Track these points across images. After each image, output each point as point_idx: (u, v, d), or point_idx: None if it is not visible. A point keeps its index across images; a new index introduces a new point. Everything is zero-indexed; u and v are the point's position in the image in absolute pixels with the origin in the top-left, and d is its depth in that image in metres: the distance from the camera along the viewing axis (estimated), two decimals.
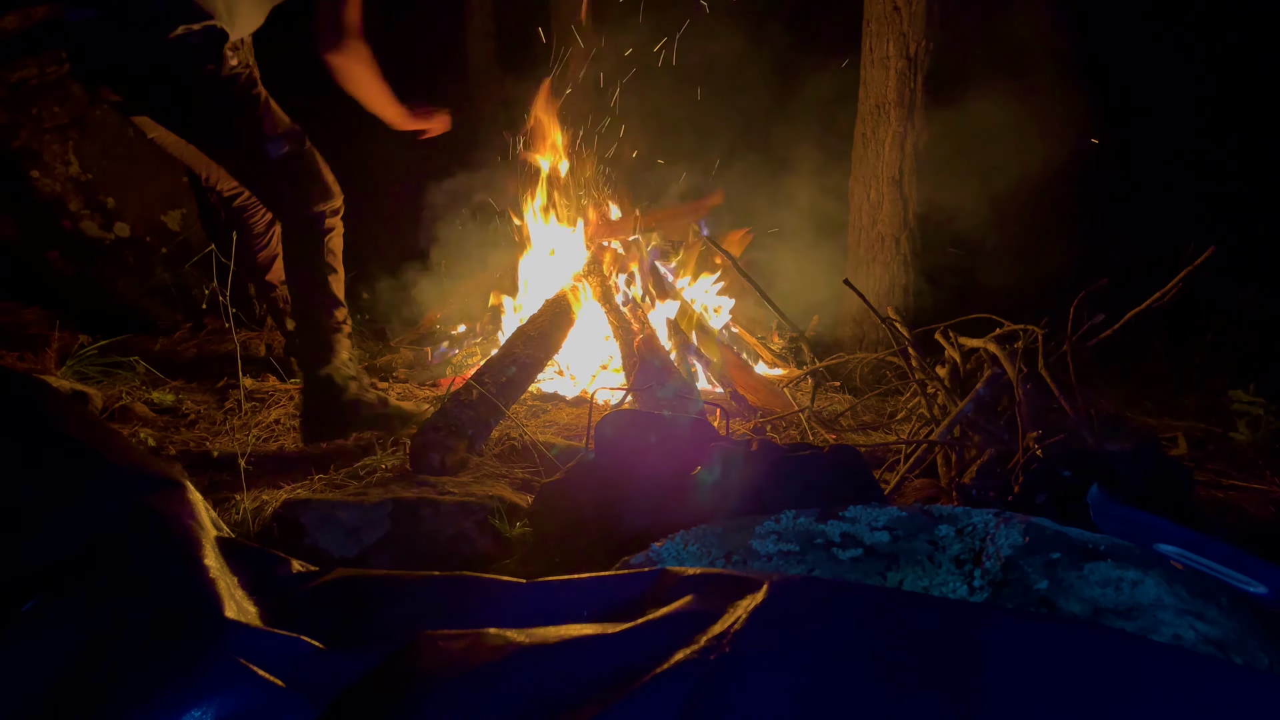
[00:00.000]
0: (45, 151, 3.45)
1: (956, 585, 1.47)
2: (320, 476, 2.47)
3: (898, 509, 1.71)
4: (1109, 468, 2.10)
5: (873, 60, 3.87)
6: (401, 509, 2.15)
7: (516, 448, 2.78)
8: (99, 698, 1.15)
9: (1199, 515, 2.17)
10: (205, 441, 2.70)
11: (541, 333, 3.21)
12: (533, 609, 1.33)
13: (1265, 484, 2.71)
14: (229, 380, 3.20)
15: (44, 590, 1.32)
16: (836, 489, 1.92)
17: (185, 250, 3.66)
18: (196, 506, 1.57)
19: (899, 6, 3.73)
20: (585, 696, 1.10)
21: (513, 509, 2.25)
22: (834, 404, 3.49)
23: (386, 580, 1.46)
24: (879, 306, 4.02)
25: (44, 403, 1.76)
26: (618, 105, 4.59)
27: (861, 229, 4.09)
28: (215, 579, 1.35)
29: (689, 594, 1.27)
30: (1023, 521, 1.57)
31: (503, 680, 1.15)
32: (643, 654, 1.14)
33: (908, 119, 3.83)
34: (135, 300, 3.66)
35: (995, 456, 2.34)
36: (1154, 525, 1.72)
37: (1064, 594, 1.37)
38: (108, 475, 1.58)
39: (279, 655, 1.22)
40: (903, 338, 3.17)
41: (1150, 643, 1.16)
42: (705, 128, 4.91)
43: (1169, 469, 2.23)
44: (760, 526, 1.67)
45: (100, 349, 3.41)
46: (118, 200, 3.58)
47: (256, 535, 2.10)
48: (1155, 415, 3.38)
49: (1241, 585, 1.51)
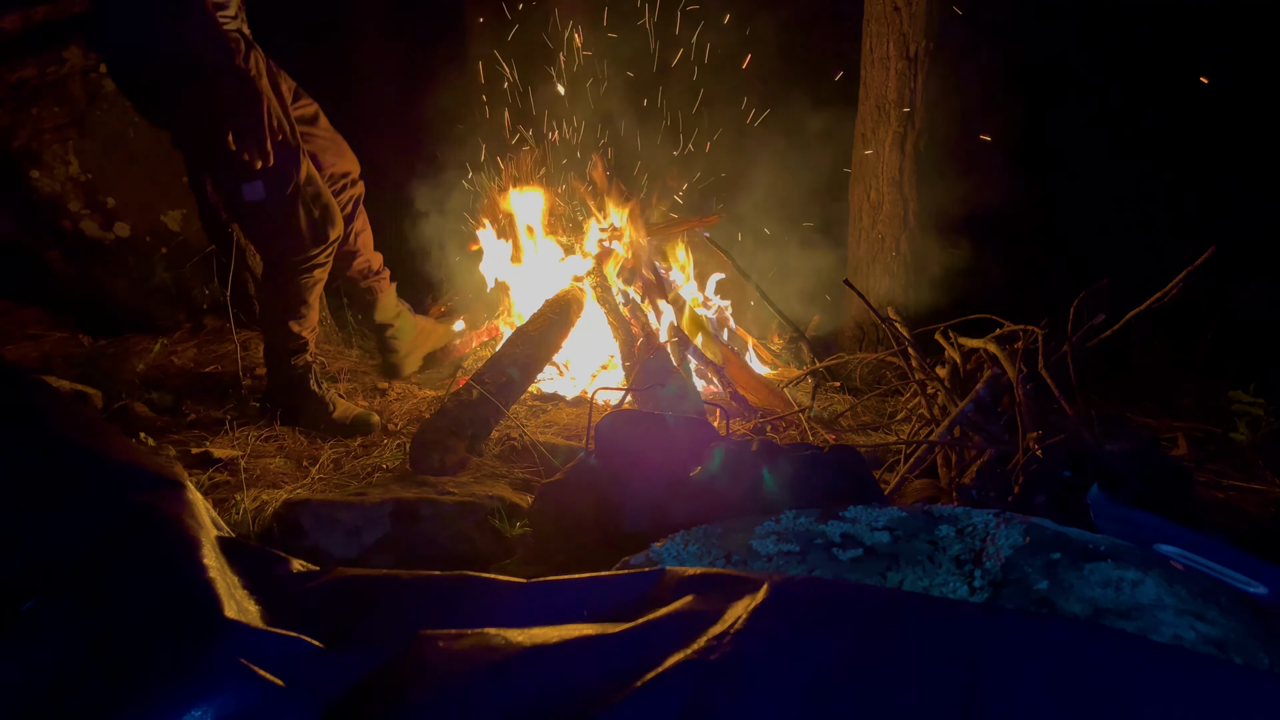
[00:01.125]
0: (45, 151, 3.45)
1: (957, 585, 1.47)
2: (320, 476, 2.47)
3: (898, 509, 1.71)
4: (1109, 468, 2.10)
5: (873, 60, 3.87)
6: (402, 509, 2.15)
7: (516, 448, 2.78)
8: (99, 697, 1.15)
9: (1199, 515, 2.17)
10: (205, 441, 2.70)
11: (542, 333, 3.21)
12: (533, 609, 1.33)
13: (1265, 484, 2.71)
14: (229, 380, 3.20)
15: (44, 590, 1.32)
16: (837, 489, 1.92)
17: (185, 250, 3.66)
18: (196, 506, 1.57)
19: (899, 7, 3.72)
20: (585, 696, 1.10)
21: (513, 509, 2.25)
22: (834, 404, 3.49)
23: (386, 580, 1.46)
24: (879, 307, 4.01)
25: (44, 403, 1.76)
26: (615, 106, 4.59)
27: (862, 229, 4.09)
28: (215, 579, 1.35)
29: (689, 594, 1.27)
30: (1023, 522, 1.57)
31: (503, 680, 1.15)
32: (643, 654, 1.14)
33: (908, 119, 3.83)
34: (135, 300, 3.66)
35: (995, 457, 2.34)
36: (1154, 525, 1.72)
37: (1064, 594, 1.37)
38: (108, 475, 1.58)
39: (279, 655, 1.22)
40: (903, 338, 3.17)
41: (1150, 643, 1.16)
42: (705, 128, 4.90)
43: (1169, 469, 2.24)
44: (760, 527, 1.67)
45: (100, 349, 3.41)
46: (118, 200, 3.58)
47: (256, 535, 2.10)
48: (1155, 416, 3.38)
49: (1241, 585, 1.51)
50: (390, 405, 3.19)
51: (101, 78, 3.49)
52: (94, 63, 3.47)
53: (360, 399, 3.20)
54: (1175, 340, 3.97)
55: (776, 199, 4.67)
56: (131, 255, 3.64)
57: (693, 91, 4.78)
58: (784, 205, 4.63)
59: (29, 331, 3.48)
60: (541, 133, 4.31)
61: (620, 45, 4.65)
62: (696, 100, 4.71)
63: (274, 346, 2.84)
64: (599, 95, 4.49)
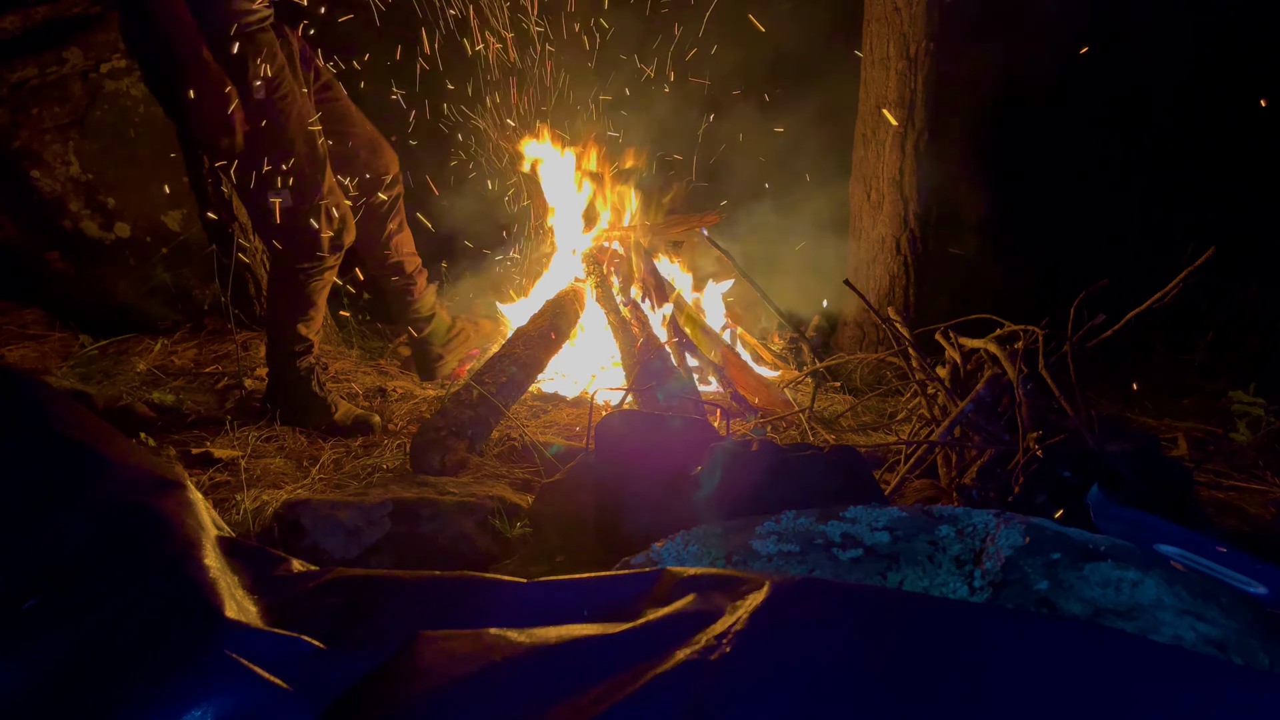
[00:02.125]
0: (45, 151, 3.45)
1: (957, 586, 1.47)
2: (320, 476, 2.47)
3: (898, 509, 1.71)
4: (1109, 468, 2.10)
5: (873, 60, 3.87)
6: (402, 509, 2.15)
7: (517, 448, 2.78)
8: (99, 697, 1.15)
9: (1199, 516, 2.17)
10: (205, 441, 2.70)
11: (542, 333, 3.21)
12: (533, 609, 1.33)
13: (1265, 484, 2.71)
14: (229, 380, 3.20)
15: (44, 589, 1.32)
16: (837, 489, 1.91)
17: (185, 250, 3.66)
18: (196, 506, 1.57)
19: (899, 7, 3.73)
20: (586, 696, 1.10)
21: (513, 509, 2.25)
22: (834, 404, 3.49)
23: (387, 580, 1.46)
24: (879, 307, 4.02)
25: (44, 403, 1.76)
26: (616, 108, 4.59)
27: (862, 230, 4.10)
28: (215, 579, 1.35)
29: (689, 594, 1.27)
30: (1023, 522, 1.57)
31: (503, 680, 1.15)
32: (643, 654, 1.14)
33: (908, 119, 3.83)
34: (135, 300, 3.66)
35: (995, 457, 2.34)
36: (1154, 526, 1.72)
37: (1064, 594, 1.37)
38: (108, 475, 1.58)
39: (279, 655, 1.22)
40: (903, 338, 3.17)
41: (1151, 643, 1.16)
42: (704, 127, 4.90)
43: (1169, 470, 2.23)
44: (760, 527, 1.67)
45: (100, 349, 3.41)
46: (118, 200, 3.58)
47: (257, 535, 2.10)
48: (1155, 416, 3.38)
49: (1241, 585, 1.51)
50: (390, 405, 3.19)
51: (102, 78, 3.49)
52: (94, 63, 3.47)
53: (361, 399, 3.20)
54: (1175, 340, 3.97)
55: (776, 199, 4.67)
56: (131, 255, 3.64)
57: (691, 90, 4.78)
58: (784, 205, 4.63)
59: (29, 331, 3.48)
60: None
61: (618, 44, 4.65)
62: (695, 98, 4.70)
63: (279, 348, 2.82)
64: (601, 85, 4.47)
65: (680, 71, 4.54)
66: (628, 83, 4.52)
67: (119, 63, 3.49)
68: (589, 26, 4.21)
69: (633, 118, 4.54)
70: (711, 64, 4.51)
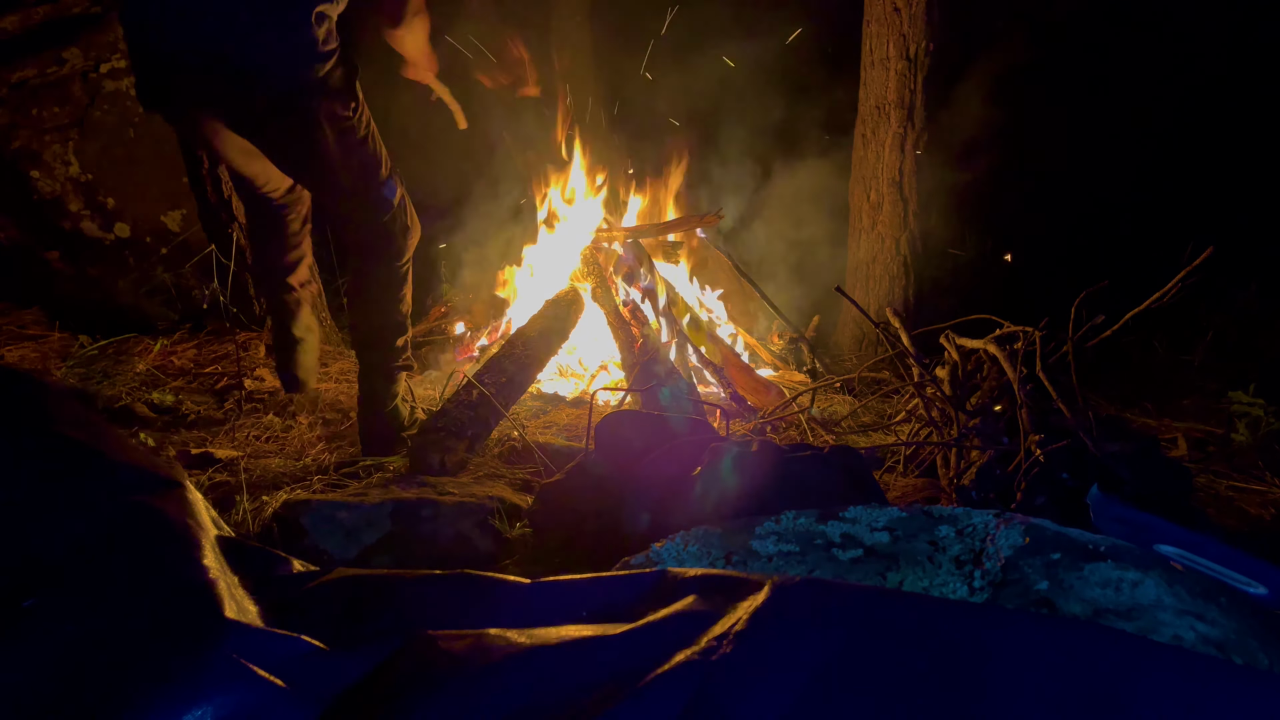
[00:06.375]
0: (45, 152, 3.45)
1: (957, 586, 1.47)
2: (320, 476, 2.47)
3: (898, 510, 1.71)
4: (1109, 469, 2.10)
5: (873, 61, 3.87)
6: (402, 509, 2.15)
7: (517, 448, 2.77)
8: (99, 697, 1.15)
9: (1199, 516, 2.17)
10: (205, 441, 2.70)
11: (542, 333, 3.21)
12: (533, 610, 1.33)
13: (1265, 485, 2.71)
14: (229, 380, 3.20)
15: (44, 589, 1.32)
16: (837, 490, 1.92)
17: (185, 250, 3.65)
18: (196, 506, 1.57)
19: (899, 7, 3.73)
20: (586, 697, 1.10)
21: (513, 509, 2.25)
22: (834, 405, 3.49)
23: (387, 580, 1.46)
24: (879, 307, 4.02)
25: (44, 403, 1.76)
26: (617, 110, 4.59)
27: (861, 230, 4.10)
28: (215, 579, 1.35)
29: (690, 595, 1.27)
30: (1023, 522, 1.57)
31: (503, 681, 1.15)
32: (643, 655, 1.14)
33: (908, 120, 3.83)
34: (135, 300, 3.66)
35: (995, 458, 2.34)
36: (1154, 526, 1.72)
37: (1064, 595, 1.37)
38: (107, 475, 1.58)
39: (279, 655, 1.22)
40: (900, 343, 3.17)
41: (1150, 643, 1.16)
42: (704, 128, 4.90)
43: (1169, 470, 2.23)
44: (760, 527, 1.67)
45: (100, 349, 3.41)
46: (118, 200, 3.58)
47: (257, 535, 2.10)
48: (1155, 416, 3.38)
49: (1241, 586, 1.51)
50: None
51: (101, 78, 3.49)
52: (94, 63, 3.47)
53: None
54: (1175, 340, 3.97)
55: (776, 199, 4.67)
56: (131, 255, 3.64)
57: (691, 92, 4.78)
58: (783, 205, 4.64)
59: (29, 331, 3.48)
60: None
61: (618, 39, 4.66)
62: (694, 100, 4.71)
63: (377, 357, 2.60)
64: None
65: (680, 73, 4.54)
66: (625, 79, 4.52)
67: (119, 63, 3.49)
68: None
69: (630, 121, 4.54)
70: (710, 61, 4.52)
